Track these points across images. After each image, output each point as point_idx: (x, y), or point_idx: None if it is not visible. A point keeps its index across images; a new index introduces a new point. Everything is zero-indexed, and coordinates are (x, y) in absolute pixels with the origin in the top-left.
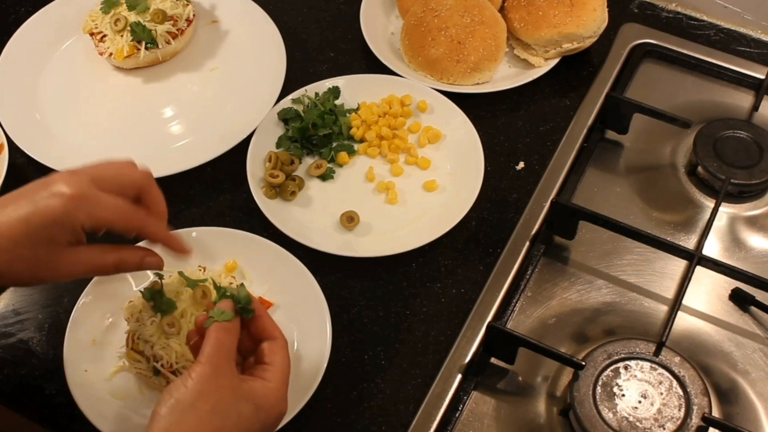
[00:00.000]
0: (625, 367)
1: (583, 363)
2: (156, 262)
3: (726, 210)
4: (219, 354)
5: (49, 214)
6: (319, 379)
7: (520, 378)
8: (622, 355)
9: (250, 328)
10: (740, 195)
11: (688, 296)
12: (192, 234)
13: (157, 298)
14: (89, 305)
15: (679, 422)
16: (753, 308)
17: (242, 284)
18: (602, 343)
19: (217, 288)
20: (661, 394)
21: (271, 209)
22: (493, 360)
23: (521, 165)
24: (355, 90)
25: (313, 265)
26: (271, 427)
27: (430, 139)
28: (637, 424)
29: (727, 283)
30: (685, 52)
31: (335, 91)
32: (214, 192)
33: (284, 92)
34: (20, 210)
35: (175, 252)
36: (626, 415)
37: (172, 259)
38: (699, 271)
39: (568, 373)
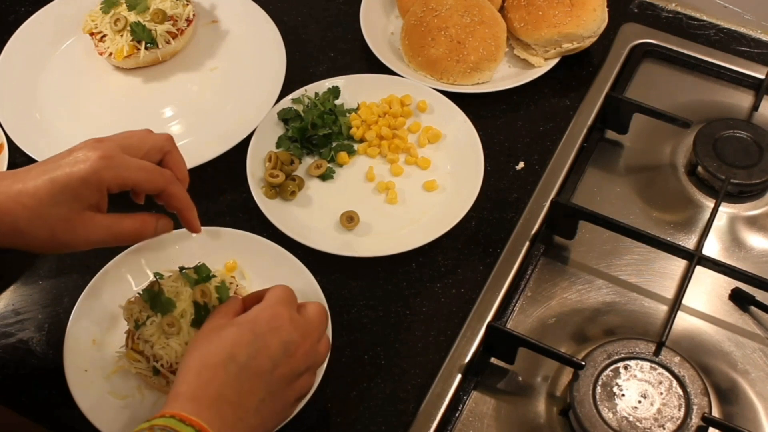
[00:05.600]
0: (625, 367)
1: (583, 363)
2: (168, 224)
3: (726, 210)
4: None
5: (75, 173)
6: (319, 379)
7: (520, 378)
8: (622, 355)
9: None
10: (740, 195)
11: (688, 296)
12: (192, 234)
13: (155, 299)
14: (89, 305)
15: (679, 422)
16: (753, 308)
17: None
18: (602, 343)
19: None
20: (661, 394)
21: (271, 209)
22: (493, 360)
23: (521, 165)
24: (355, 90)
25: (313, 265)
26: (269, 325)
27: (430, 139)
28: (637, 424)
29: (727, 283)
30: (685, 52)
31: (335, 91)
32: (214, 192)
33: (284, 92)
34: (47, 172)
35: (188, 222)
36: (626, 414)
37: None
38: (699, 271)
39: (568, 373)
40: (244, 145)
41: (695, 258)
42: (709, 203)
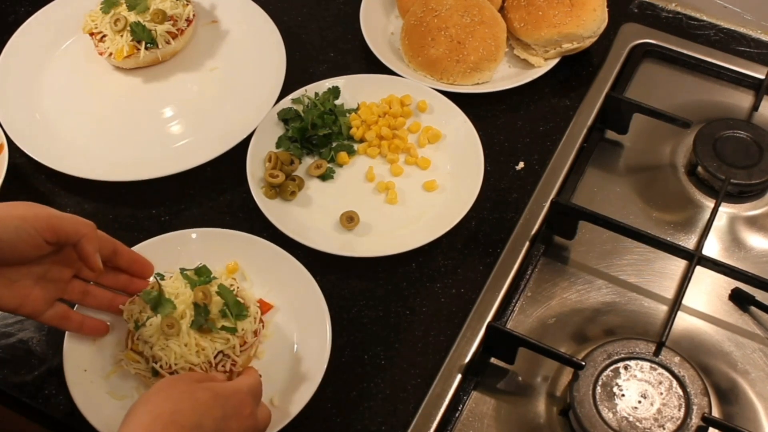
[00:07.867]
0: (625, 367)
1: (583, 363)
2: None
3: (726, 210)
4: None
5: (56, 212)
6: (319, 379)
7: (520, 378)
8: (622, 355)
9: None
10: (740, 195)
11: (688, 296)
12: (192, 235)
13: (155, 300)
14: None
15: (679, 422)
16: (753, 308)
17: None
18: (602, 343)
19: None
20: (661, 394)
21: (271, 209)
22: (493, 360)
23: (521, 165)
24: (354, 90)
25: (313, 265)
26: (237, 417)
27: (430, 139)
28: (637, 424)
29: (727, 283)
30: (685, 52)
31: (335, 91)
32: (214, 192)
33: (284, 92)
34: (32, 207)
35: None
36: (626, 415)
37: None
38: (699, 271)
39: (568, 373)
40: (244, 145)
41: (695, 258)
42: (709, 203)
